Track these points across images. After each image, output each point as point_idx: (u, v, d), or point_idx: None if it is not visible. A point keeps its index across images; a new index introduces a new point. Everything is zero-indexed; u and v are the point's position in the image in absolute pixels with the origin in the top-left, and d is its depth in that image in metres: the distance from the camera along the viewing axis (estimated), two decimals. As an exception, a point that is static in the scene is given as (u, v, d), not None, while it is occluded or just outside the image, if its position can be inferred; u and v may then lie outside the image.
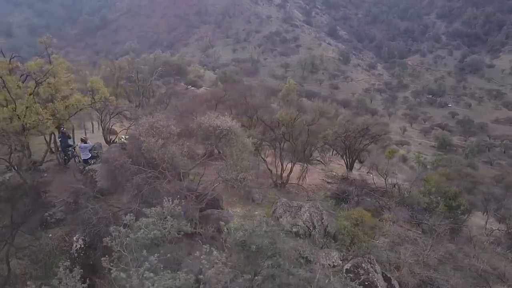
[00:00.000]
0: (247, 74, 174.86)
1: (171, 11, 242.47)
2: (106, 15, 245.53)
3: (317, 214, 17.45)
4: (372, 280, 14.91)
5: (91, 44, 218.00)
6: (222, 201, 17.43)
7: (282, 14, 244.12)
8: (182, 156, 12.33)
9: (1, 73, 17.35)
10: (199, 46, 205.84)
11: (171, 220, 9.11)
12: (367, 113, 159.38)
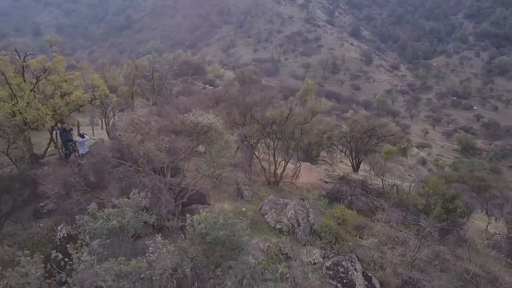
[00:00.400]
0: (267, 74, 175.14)
1: (193, 11, 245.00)
2: (131, 15, 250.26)
3: (303, 212, 17.62)
4: (350, 278, 15.02)
5: (116, 43, 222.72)
6: (209, 197, 17.81)
7: (304, 14, 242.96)
8: (159, 151, 12.72)
9: (4, 70, 18.27)
10: (220, 46, 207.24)
11: (132, 212, 9.51)
12: (388, 114, 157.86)
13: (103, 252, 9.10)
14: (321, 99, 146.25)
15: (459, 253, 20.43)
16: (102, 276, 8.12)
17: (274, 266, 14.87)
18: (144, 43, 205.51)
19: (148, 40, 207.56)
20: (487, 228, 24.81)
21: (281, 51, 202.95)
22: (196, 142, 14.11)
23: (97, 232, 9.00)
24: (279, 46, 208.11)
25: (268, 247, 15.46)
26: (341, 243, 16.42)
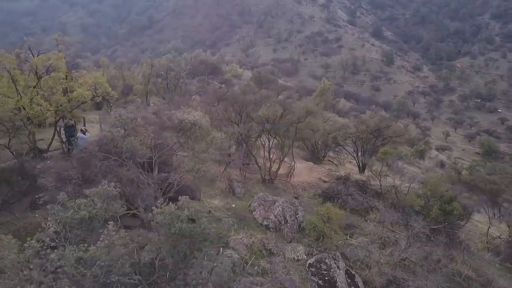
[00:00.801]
0: (286, 74, 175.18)
1: (214, 11, 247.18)
2: (153, 15, 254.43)
3: (291, 209, 17.80)
4: (332, 276, 15.15)
5: (138, 42, 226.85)
6: (200, 193, 18.21)
7: (325, 14, 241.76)
8: (143, 146, 13.18)
9: (9, 68, 19.13)
10: (240, 46, 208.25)
11: (101, 202, 9.96)
12: (408, 116, 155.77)
13: (73, 240, 9.59)
14: (340, 100, 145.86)
15: (453, 255, 20.29)
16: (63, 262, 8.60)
17: (256, 261, 15.15)
18: (165, 42, 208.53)
19: (169, 39, 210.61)
20: (488, 231, 24.44)
21: (301, 51, 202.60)
22: (182, 138, 14.50)
23: (68, 222, 9.47)
24: (299, 46, 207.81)
25: (253, 243, 15.72)
26: (326, 240, 16.53)
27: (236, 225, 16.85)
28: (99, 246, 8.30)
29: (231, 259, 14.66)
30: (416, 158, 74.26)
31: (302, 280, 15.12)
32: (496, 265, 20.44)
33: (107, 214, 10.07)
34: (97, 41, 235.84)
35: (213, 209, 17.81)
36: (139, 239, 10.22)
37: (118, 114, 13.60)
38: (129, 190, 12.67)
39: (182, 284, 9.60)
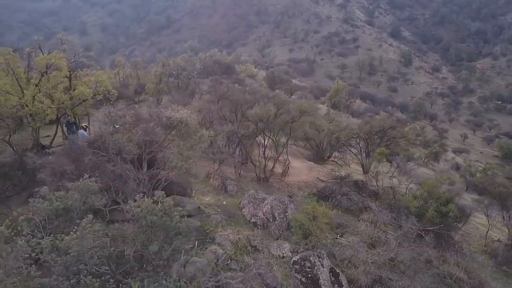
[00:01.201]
0: (302, 74, 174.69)
1: (231, 11, 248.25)
2: (171, 15, 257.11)
3: (280, 207, 18.06)
4: (315, 273, 15.36)
5: (156, 42, 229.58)
6: (191, 189, 18.63)
7: (342, 14, 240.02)
8: (129, 142, 13.65)
9: (13, 66, 19.94)
10: (256, 45, 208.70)
11: (79, 195, 10.45)
12: (426, 117, 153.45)
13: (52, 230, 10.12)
14: (355, 101, 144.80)
15: (445, 257, 20.21)
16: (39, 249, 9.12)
17: (241, 257, 15.48)
18: (182, 42, 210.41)
19: (186, 39, 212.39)
20: (486, 234, 24.20)
21: (317, 52, 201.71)
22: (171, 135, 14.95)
23: (46, 213, 9.99)
24: (315, 46, 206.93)
25: (239, 239, 16.05)
26: (311, 238, 16.73)
27: (225, 222, 17.20)
28: (71, 237, 8.75)
29: (215, 254, 15.04)
30: (430, 160, 73.42)
31: (285, 277, 15.38)
32: (489, 267, 20.22)
33: (84, 207, 10.56)
34: (116, 40, 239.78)
35: (204, 206, 18.21)
36: (115, 232, 10.67)
37: (107, 112, 14.09)
38: (115, 185, 13.12)
39: (152, 274, 9.99)
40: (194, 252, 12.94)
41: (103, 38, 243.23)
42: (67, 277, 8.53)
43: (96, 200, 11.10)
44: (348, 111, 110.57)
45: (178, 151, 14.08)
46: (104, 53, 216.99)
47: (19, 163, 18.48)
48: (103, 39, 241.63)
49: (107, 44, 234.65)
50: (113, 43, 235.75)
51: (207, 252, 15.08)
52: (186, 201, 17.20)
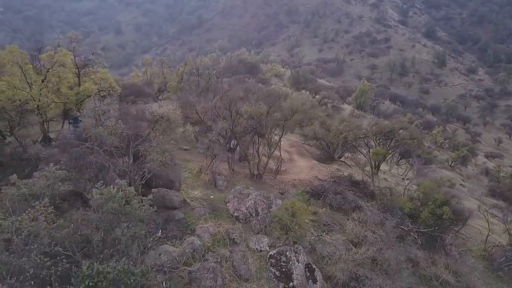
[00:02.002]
0: (330, 74, 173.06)
1: (262, 11, 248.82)
2: (202, 15, 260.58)
3: (264, 203, 18.43)
4: (289, 268, 15.70)
5: (187, 42, 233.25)
6: (180, 183, 19.26)
7: (375, 14, 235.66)
8: (110, 135, 14.41)
9: (22, 63, 21.21)
10: (285, 45, 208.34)
11: (47, 182, 11.23)
12: (458, 120, 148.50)
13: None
14: (384, 102, 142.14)
15: (434, 259, 19.99)
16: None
17: (218, 249, 15.98)
18: (212, 42, 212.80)
19: (216, 39, 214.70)
20: (486, 239, 23.61)
21: (347, 52, 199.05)
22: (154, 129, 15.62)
23: (14, 198, 10.83)
24: (346, 46, 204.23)
25: (218, 232, 16.54)
26: (289, 234, 16.99)
27: (208, 215, 17.74)
28: (22, 217, 9.51)
29: (192, 245, 15.60)
30: (458, 163, 71.45)
31: (259, 269, 15.79)
32: (479, 271, 19.77)
33: (52, 193, 11.35)
34: (149, 40, 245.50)
35: (191, 199, 18.82)
36: (80, 217, 11.41)
37: (92, 106, 14.90)
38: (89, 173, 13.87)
39: (107, 257, 10.62)
40: (157, 239, 13.46)
41: (137, 37, 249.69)
42: (22, 255, 9.27)
43: (63, 186, 11.83)
44: (374, 112, 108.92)
45: (157, 144, 14.69)
46: (137, 52, 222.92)
47: (20, 153, 19.66)
48: (137, 38, 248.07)
49: (140, 43, 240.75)
50: (146, 42, 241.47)
51: (185, 242, 15.68)
52: (171, 193, 17.85)
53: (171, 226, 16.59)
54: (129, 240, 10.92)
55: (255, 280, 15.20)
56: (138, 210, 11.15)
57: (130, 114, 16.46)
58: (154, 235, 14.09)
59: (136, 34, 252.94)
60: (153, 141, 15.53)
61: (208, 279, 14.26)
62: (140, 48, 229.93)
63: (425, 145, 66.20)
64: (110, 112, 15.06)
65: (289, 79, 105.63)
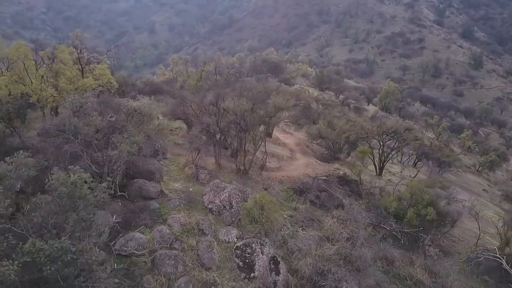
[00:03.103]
0: (360, 75, 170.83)
1: (293, 11, 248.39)
2: (233, 15, 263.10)
3: (239, 196, 18.90)
4: (252, 259, 16.14)
5: (218, 41, 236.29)
6: (161, 175, 20.04)
7: (409, 13, 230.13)
8: (85, 126, 15.33)
9: (22, 59, 22.63)
10: (315, 45, 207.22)
11: (5, 166, 12.21)
12: (493, 124, 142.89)
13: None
14: (414, 104, 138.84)
15: (412, 259, 19.82)
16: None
17: (186, 238, 16.61)
18: (242, 41, 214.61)
19: (246, 38, 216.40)
20: (477, 242, 23.08)
21: (378, 52, 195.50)
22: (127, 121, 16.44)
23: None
24: (377, 47, 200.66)
25: (189, 222, 17.18)
26: (255, 226, 17.37)
27: (183, 206, 18.40)
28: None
29: (161, 233, 16.32)
30: (485, 168, 69.27)
31: (224, 260, 16.30)
32: (456, 274, 19.41)
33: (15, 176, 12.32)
34: (181, 39, 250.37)
35: (170, 190, 19.56)
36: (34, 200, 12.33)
37: (70, 99, 15.88)
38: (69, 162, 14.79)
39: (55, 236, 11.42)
40: (111, 225, 14.22)
41: (170, 36, 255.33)
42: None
43: (26, 171, 12.77)
44: (400, 113, 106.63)
45: (128, 136, 15.48)
46: (169, 51, 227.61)
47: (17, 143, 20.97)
48: (170, 38, 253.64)
49: (172, 43, 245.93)
50: (178, 42, 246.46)
51: (154, 231, 16.40)
52: (148, 184, 18.66)
53: (145, 215, 17.35)
54: (76, 223, 11.68)
55: (217, 269, 15.72)
56: (89, 196, 11.92)
57: (107, 107, 17.33)
58: (113, 220, 14.90)
59: (169, 33, 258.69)
60: (125, 133, 16.29)
61: (169, 266, 14.92)
62: (173, 47, 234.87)
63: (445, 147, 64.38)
64: (87, 105, 15.96)
65: (313, 79, 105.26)
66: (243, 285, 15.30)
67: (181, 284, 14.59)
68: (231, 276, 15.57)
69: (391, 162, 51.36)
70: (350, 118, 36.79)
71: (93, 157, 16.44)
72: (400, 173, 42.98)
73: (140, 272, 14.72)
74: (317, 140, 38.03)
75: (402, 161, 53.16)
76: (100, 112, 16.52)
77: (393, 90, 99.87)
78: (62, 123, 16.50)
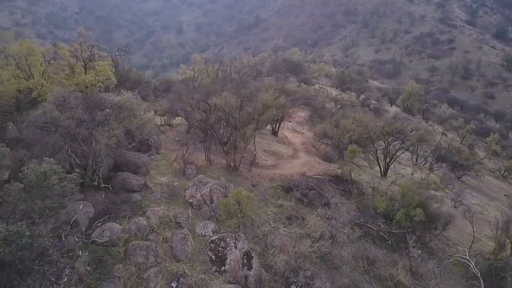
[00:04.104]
0: (386, 75, 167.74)
1: (319, 10, 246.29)
2: (260, 15, 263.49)
3: (220, 191, 19.16)
4: (225, 253, 16.35)
5: (243, 41, 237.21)
6: (147, 169, 20.51)
7: (439, 13, 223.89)
8: (67, 119, 15.95)
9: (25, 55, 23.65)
10: (341, 45, 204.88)
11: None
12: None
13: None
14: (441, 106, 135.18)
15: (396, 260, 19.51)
16: None
17: (162, 230, 17.00)
18: (268, 41, 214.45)
19: (272, 38, 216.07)
20: (471, 246, 22.45)
21: (406, 53, 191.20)
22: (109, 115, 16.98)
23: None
24: (404, 47, 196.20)
25: (167, 215, 17.57)
26: (231, 222, 17.53)
27: (164, 199, 18.82)
28: None
29: (137, 225, 16.77)
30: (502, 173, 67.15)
31: (197, 252, 16.60)
32: (435, 275, 18.95)
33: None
34: (207, 39, 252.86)
35: (154, 184, 20.01)
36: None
37: (54, 94, 16.54)
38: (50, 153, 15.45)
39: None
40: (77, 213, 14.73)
41: (196, 36, 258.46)
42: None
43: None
44: (424, 115, 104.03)
45: (107, 129, 16.00)
46: (195, 50, 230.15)
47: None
48: (196, 37, 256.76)
49: (199, 42, 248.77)
50: (205, 41, 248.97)
51: (131, 222, 16.87)
52: (131, 177, 19.18)
53: (126, 206, 17.88)
54: (41, 210, 12.22)
55: (189, 261, 16.01)
56: (56, 186, 12.46)
57: (91, 101, 17.90)
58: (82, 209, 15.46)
59: (196, 33, 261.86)
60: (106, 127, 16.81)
61: (140, 256, 15.34)
62: (199, 47, 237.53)
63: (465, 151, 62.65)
64: (70, 99, 16.59)
65: (334, 79, 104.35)
66: (213, 277, 15.52)
67: (150, 275, 14.98)
68: (202, 269, 15.82)
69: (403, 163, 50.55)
70: (356, 117, 36.15)
71: (77, 149, 17.06)
72: (411, 175, 42.18)
73: (112, 261, 15.21)
74: (323, 139, 37.82)
75: (417, 163, 52.20)
76: (84, 107, 17.11)
77: (415, 91, 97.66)
78: (44, 116, 17.17)
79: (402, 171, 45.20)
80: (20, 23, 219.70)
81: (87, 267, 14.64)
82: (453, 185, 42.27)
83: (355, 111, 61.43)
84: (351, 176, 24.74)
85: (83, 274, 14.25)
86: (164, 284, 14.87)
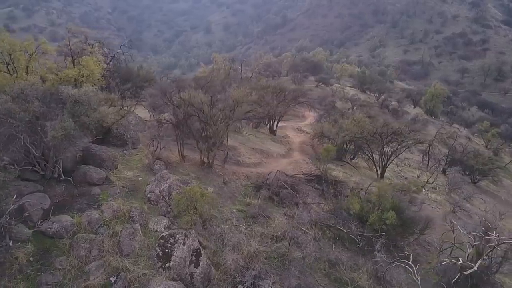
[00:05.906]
0: (413, 77, 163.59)
1: (347, 10, 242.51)
2: (287, 14, 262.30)
3: (180, 187, 18.93)
4: (172, 249, 16.07)
5: (270, 41, 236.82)
6: (112, 162, 20.53)
7: (473, 13, 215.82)
8: (22, 111, 16.17)
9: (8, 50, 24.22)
10: (368, 45, 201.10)
11: None
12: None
13: None
14: (470, 108, 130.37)
15: (359, 264, 18.72)
16: None
17: (113, 225, 16.94)
18: (294, 41, 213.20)
19: (298, 38, 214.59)
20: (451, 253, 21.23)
21: (435, 54, 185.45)
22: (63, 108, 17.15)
23: None
24: (434, 48, 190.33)
25: (121, 209, 17.50)
26: (182, 219, 17.25)
27: (123, 194, 18.77)
28: None
29: (89, 218, 16.78)
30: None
31: (145, 248, 16.43)
32: (403, 283, 17.99)
33: None
34: (235, 39, 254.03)
35: (119, 178, 20.00)
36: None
37: (10, 86, 16.81)
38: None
39: None
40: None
41: (224, 36, 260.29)
42: None
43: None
44: (449, 117, 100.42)
45: (59, 122, 16.11)
46: (222, 50, 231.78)
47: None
48: (224, 37, 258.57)
49: (226, 42, 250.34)
50: (232, 41, 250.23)
51: (84, 215, 16.90)
52: (92, 170, 19.23)
53: (83, 200, 17.96)
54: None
55: (135, 256, 15.86)
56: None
57: (47, 94, 18.02)
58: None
59: (224, 33, 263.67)
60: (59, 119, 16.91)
61: (84, 249, 15.32)
62: (226, 46, 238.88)
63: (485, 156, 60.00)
64: (27, 91, 16.82)
65: (355, 79, 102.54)
66: (156, 274, 15.28)
67: (91, 268, 14.92)
68: (146, 264, 15.61)
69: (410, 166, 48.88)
70: (355, 117, 35.20)
71: (39, 141, 17.34)
72: (416, 178, 40.73)
73: (57, 253, 15.28)
74: (321, 139, 37.04)
75: (429, 166, 50.39)
76: (42, 99, 17.32)
77: (439, 93, 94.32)
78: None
79: (407, 174, 43.75)
80: (55, 23, 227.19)
81: (30, 258, 14.79)
82: (461, 189, 40.57)
83: (366, 112, 60.08)
84: (327, 176, 23.98)
85: (23, 265, 14.40)
86: (104, 278, 14.76)
